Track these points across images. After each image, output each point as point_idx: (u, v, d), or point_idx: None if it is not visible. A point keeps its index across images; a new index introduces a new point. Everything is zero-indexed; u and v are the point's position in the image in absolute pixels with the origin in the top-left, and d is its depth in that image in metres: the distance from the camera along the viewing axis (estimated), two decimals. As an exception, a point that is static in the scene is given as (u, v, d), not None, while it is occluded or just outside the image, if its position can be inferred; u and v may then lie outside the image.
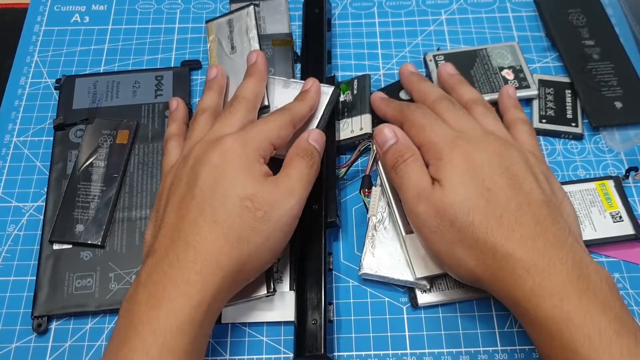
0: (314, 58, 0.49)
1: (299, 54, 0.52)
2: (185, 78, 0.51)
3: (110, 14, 0.56)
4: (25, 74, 0.52)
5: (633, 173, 0.45)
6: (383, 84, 0.51)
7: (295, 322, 0.39)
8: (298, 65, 0.52)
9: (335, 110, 0.46)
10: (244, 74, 0.44)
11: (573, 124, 0.48)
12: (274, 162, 0.40)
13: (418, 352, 0.39)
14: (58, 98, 0.50)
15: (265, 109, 0.45)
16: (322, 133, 0.42)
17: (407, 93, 0.48)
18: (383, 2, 0.57)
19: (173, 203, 0.36)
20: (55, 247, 0.42)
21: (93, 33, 0.55)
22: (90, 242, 0.42)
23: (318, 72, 0.48)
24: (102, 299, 0.41)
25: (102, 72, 0.52)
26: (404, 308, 0.41)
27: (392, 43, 0.54)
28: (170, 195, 0.37)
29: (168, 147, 0.42)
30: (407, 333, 0.40)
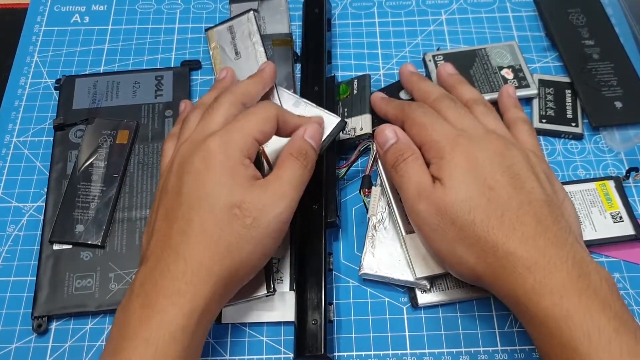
0: (314, 58, 0.49)
1: (299, 54, 0.52)
2: (185, 78, 0.51)
3: (110, 14, 0.56)
4: (25, 74, 0.52)
5: (633, 173, 0.45)
6: (383, 84, 0.51)
7: (296, 322, 0.39)
8: (298, 65, 0.52)
9: (335, 143, 0.45)
10: None
11: (573, 124, 0.48)
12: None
13: (418, 352, 0.39)
14: (58, 98, 0.50)
15: None
16: (319, 128, 0.41)
17: (407, 93, 0.48)
18: (383, 2, 0.57)
19: (162, 210, 0.36)
20: (55, 247, 0.42)
21: (93, 33, 0.55)
22: (90, 242, 0.42)
23: (318, 72, 0.48)
24: (102, 299, 0.41)
25: (102, 72, 0.52)
26: (404, 308, 0.41)
27: (392, 43, 0.54)
28: (160, 202, 0.37)
29: (165, 147, 0.42)
30: (407, 333, 0.40)
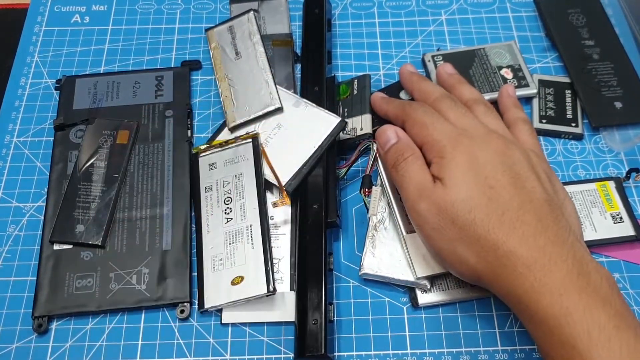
0: (314, 58, 0.49)
1: (299, 54, 0.52)
2: (186, 78, 0.51)
3: (111, 14, 0.56)
4: (26, 74, 0.52)
5: (634, 174, 0.45)
6: (383, 84, 0.51)
7: (296, 322, 0.39)
8: (298, 65, 0.52)
9: (335, 143, 0.45)
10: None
11: (573, 124, 0.48)
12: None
13: (418, 352, 0.39)
14: (58, 98, 0.50)
15: (278, 110, 0.45)
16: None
17: (407, 93, 0.48)
18: (383, 2, 0.57)
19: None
20: (56, 247, 0.42)
21: (93, 33, 0.55)
22: (91, 242, 0.42)
23: (318, 72, 0.48)
24: (102, 299, 0.41)
25: (102, 72, 0.52)
26: (405, 308, 0.41)
27: (392, 43, 0.54)
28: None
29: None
30: (407, 333, 0.40)
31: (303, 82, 0.49)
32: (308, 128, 0.45)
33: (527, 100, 0.50)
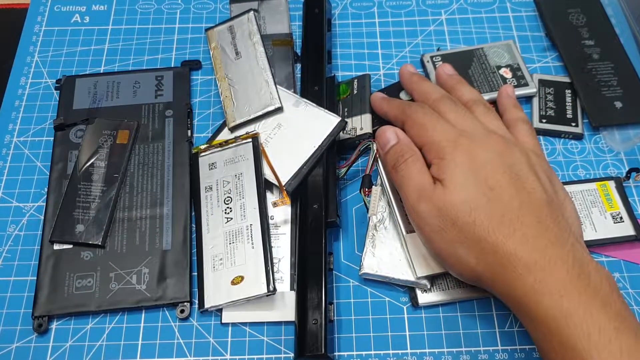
0: (314, 58, 0.49)
1: (299, 54, 0.52)
2: (186, 78, 0.51)
3: (111, 14, 0.56)
4: (26, 74, 0.52)
5: (634, 174, 0.45)
6: (383, 84, 0.51)
7: (296, 322, 0.39)
8: (298, 65, 0.52)
9: (335, 143, 0.45)
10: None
11: (573, 124, 0.48)
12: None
13: (418, 351, 0.39)
14: (58, 98, 0.50)
15: (278, 110, 0.45)
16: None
17: (407, 94, 0.48)
18: (383, 2, 0.57)
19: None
20: (56, 247, 0.42)
21: (93, 33, 0.55)
22: (91, 242, 0.42)
23: (318, 72, 0.48)
24: (102, 299, 0.41)
25: (102, 72, 0.52)
26: (405, 308, 0.41)
27: (392, 43, 0.54)
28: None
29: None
30: (407, 333, 0.40)
31: (303, 82, 0.49)
32: (308, 128, 0.45)
33: (527, 100, 0.50)
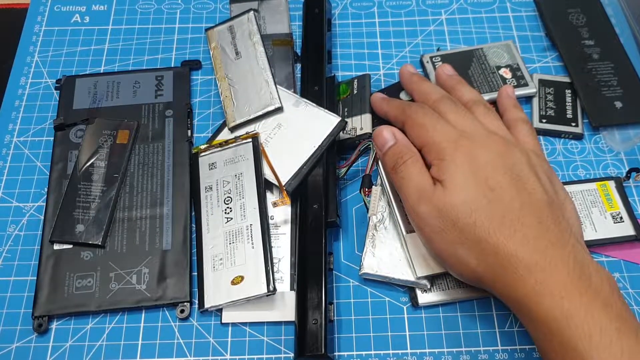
0: (314, 58, 0.49)
1: (299, 54, 0.52)
2: (186, 78, 0.51)
3: (111, 14, 0.56)
4: (26, 74, 0.52)
5: (634, 174, 0.45)
6: (383, 84, 0.51)
7: (296, 322, 0.39)
8: (298, 65, 0.52)
9: (335, 143, 0.45)
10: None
11: (573, 124, 0.48)
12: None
13: (418, 351, 0.39)
14: (58, 98, 0.50)
15: (278, 110, 0.45)
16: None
17: (407, 94, 0.48)
18: (383, 2, 0.57)
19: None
20: (56, 247, 0.42)
21: (93, 33, 0.55)
22: (91, 242, 0.42)
23: (318, 72, 0.48)
24: (102, 299, 0.41)
25: (102, 72, 0.52)
26: (405, 308, 0.41)
27: (392, 43, 0.54)
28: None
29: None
30: (407, 333, 0.40)
31: (303, 82, 0.49)
32: (308, 128, 0.45)
33: (527, 100, 0.50)
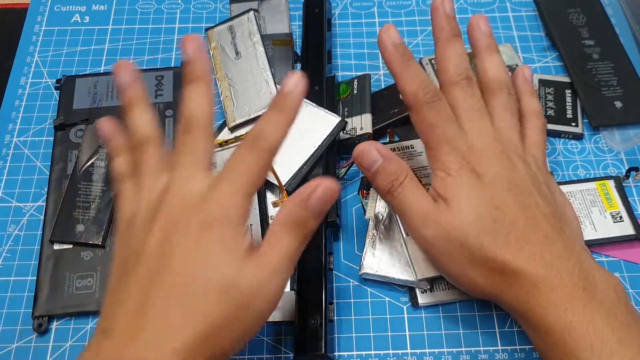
0: (314, 58, 0.49)
1: (299, 54, 0.52)
2: (186, 78, 0.51)
3: (111, 14, 0.56)
4: (26, 74, 0.52)
5: (634, 173, 0.45)
6: (383, 84, 0.51)
7: (296, 321, 0.39)
8: (298, 65, 0.52)
9: (335, 143, 0.45)
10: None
11: (573, 124, 0.48)
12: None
13: (418, 351, 0.40)
14: (58, 98, 0.50)
15: None
16: (333, 186, 0.32)
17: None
18: (383, 2, 0.57)
19: (139, 279, 0.30)
20: (56, 247, 0.42)
21: (93, 33, 0.55)
22: (91, 242, 0.42)
23: (318, 72, 0.48)
24: (102, 299, 0.41)
25: (102, 72, 0.52)
26: (405, 308, 0.41)
27: (392, 43, 0.54)
28: (136, 266, 0.31)
29: (124, 188, 0.35)
30: (407, 333, 0.40)
31: (303, 81, 0.49)
32: (308, 128, 0.45)
33: (527, 100, 0.50)
